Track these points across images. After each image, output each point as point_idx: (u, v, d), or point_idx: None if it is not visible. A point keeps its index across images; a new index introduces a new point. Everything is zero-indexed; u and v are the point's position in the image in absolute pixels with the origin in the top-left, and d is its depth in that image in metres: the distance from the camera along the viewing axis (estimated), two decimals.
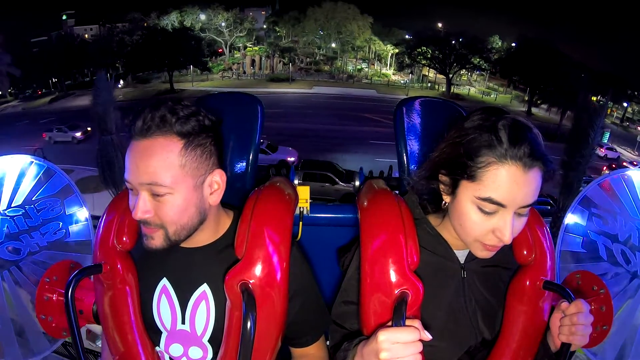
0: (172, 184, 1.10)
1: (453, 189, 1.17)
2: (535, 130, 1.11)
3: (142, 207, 1.11)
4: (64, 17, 56.47)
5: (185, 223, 1.17)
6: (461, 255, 1.29)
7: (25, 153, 1.91)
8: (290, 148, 22.67)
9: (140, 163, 1.09)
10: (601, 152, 32.43)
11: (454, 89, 53.03)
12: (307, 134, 24.30)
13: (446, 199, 1.22)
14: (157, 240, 1.17)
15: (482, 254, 1.20)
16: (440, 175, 1.21)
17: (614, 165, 27.95)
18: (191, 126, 1.11)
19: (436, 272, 1.26)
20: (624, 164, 29.90)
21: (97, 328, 1.45)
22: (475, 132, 1.11)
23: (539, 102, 45.84)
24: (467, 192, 1.13)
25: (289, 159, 20.58)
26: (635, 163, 29.52)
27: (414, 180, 1.32)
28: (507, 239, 1.12)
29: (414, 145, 1.70)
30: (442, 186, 1.21)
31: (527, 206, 1.11)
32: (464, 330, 1.28)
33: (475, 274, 1.29)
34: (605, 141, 34.60)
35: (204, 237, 1.27)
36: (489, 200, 1.09)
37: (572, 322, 1.16)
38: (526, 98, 48.86)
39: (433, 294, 1.24)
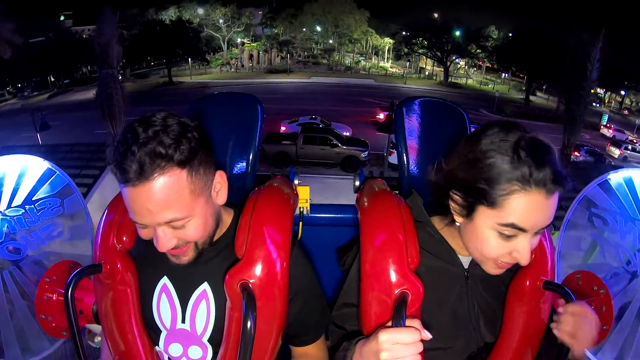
0: (189, 212, 1.10)
1: (469, 212, 1.14)
2: (553, 149, 1.07)
3: (164, 240, 1.11)
4: (62, 18, 56.41)
5: (209, 232, 1.20)
6: (465, 261, 1.28)
7: (25, 152, 1.90)
8: (344, 125, 23.02)
9: (151, 206, 1.05)
10: (610, 133, 33.30)
11: (452, 79, 53.32)
12: (308, 113, 24.32)
13: (458, 219, 1.19)
14: (188, 255, 1.18)
15: (495, 271, 1.18)
16: (452, 193, 1.17)
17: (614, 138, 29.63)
18: (187, 149, 1.05)
19: (440, 276, 1.25)
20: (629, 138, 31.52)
21: (97, 328, 1.46)
22: (494, 155, 1.06)
23: (536, 91, 46.17)
24: (487, 218, 1.10)
25: (344, 133, 20.79)
26: (635, 141, 30.51)
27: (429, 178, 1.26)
28: (526, 261, 1.11)
29: (414, 145, 1.70)
30: (453, 205, 1.18)
31: (545, 227, 1.10)
32: (466, 335, 1.27)
33: (478, 279, 1.28)
34: (604, 123, 35.44)
35: None
36: (512, 226, 1.06)
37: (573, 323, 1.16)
38: (524, 88, 49.32)
39: (436, 298, 1.23)
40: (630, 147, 27.43)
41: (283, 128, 21.43)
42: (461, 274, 1.27)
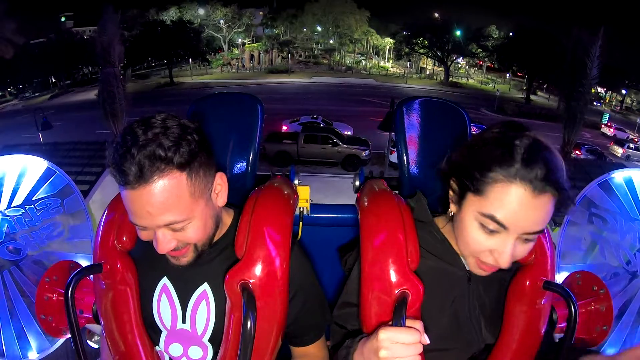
0: (189, 214, 1.10)
1: (460, 200, 1.14)
2: (555, 154, 1.05)
3: (164, 243, 1.11)
4: (63, 19, 56.47)
5: (209, 234, 1.20)
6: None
7: (26, 152, 1.91)
8: (345, 124, 23.25)
9: (151, 209, 1.05)
10: (610, 132, 33.48)
11: (452, 79, 53.55)
12: (308, 113, 24.43)
13: (452, 208, 1.19)
14: (188, 257, 1.19)
15: (478, 271, 1.18)
16: (451, 181, 1.18)
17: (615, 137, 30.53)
18: (187, 152, 1.05)
19: (441, 278, 1.25)
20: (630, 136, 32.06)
21: (97, 328, 1.46)
22: (490, 145, 1.07)
23: (537, 90, 46.29)
24: (472, 206, 1.09)
25: (346, 132, 21.02)
26: (636, 140, 30.64)
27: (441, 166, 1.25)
28: (504, 263, 1.09)
29: (414, 145, 1.70)
30: (451, 193, 1.19)
31: (533, 233, 1.07)
32: (468, 337, 1.26)
33: (480, 281, 1.26)
34: (605, 122, 35.56)
35: None
36: (491, 218, 1.05)
37: None
38: (524, 87, 49.56)
39: (438, 300, 1.23)
40: (633, 146, 27.57)
41: (285, 127, 21.59)
42: (463, 275, 1.26)
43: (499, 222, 1.05)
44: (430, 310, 1.20)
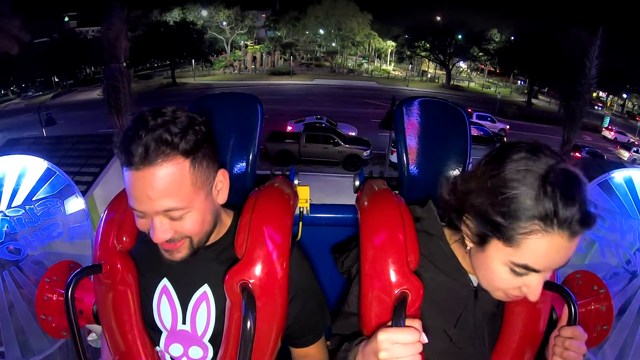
0: (188, 203, 1.10)
1: (481, 242, 1.05)
2: (585, 183, 0.95)
3: (160, 230, 1.10)
4: (66, 19, 56.79)
5: (206, 230, 1.19)
6: (475, 279, 1.22)
7: (29, 150, 1.91)
8: (349, 125, 23.48)
9: (151, 193, 1.05)
10: (611, 135, 34.00)
11: (454, 82, 53.74)
12: (310, 114, 24.57)
13: (470, 244, 1.11)
14: (182, 252, 1.17)
15: (505, 299, 1.14)
16: (465, 218, 1.08)
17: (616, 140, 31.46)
18: (193, 140, 1.06)
19: (448, 294, 1.22)
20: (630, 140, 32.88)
21: (97, 328, 1.46)
22: (518, 187, 0.95)
23: (538, 94, 46.37)
24: (500, 253, 1.02)
25: (349, 133, 21.25)
26: (637, 143, 31.33)
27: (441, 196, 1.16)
28: (534, 298, 1.04)
29: (414, 145, 1.70)
30: (465, 230, 1.09)
31: (561, 267, 1.03)
32: (474, 351, 1.24)
33: (486, 297, 1.20)
34: (606, 125, 35.94)
35: None
36: (525, 267, 0.99)
37: (564, 346, 1.14)
38: (525, 91, 49.79)
39: (443, 317, 1.21)
40: (637, 149, 28.02)
41: (290, 127, 21.82)
42: (470, 292, 1.23)
43: (533, 269, 1.00)
44: (434, 327, 1.18)
